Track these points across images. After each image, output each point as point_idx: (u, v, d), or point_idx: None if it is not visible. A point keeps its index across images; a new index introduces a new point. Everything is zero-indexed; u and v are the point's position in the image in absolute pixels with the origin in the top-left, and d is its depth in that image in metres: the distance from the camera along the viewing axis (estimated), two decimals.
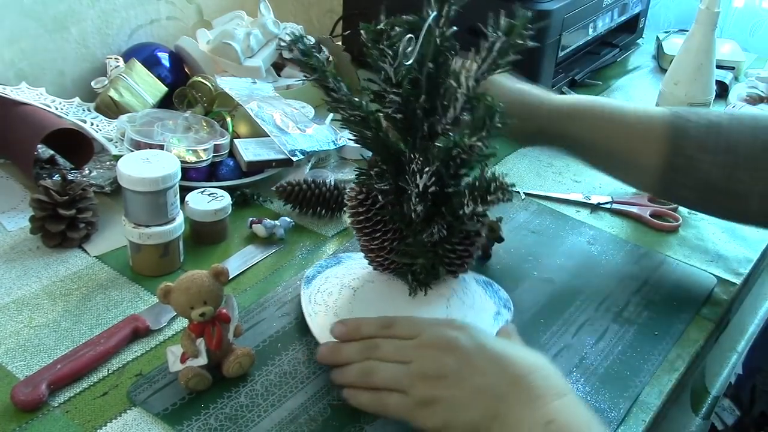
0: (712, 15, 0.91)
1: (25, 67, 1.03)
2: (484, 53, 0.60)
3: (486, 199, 0.63)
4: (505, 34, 0.59)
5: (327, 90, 0.65)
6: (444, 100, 0.63)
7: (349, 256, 0.80)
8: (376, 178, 0.67)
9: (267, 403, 0.64)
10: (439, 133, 0.64)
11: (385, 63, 0.60)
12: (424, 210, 0.65)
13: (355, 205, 0.69)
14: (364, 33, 0.60)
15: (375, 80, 0.62)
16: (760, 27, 1.57)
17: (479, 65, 0.61)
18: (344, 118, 0.65)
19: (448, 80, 0.62)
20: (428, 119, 0.64)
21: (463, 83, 0.61)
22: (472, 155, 0.62)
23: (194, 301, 0.61)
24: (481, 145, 0.61)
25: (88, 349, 0.66)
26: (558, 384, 0.57)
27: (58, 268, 0.79)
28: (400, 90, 0.61)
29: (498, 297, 0.75)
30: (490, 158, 0.63)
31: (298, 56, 0.63)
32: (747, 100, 1.27)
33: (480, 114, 0.60)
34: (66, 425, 0.61)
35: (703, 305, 0.80)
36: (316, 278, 0.76)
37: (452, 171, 0.64)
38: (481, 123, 0.60)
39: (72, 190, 0.81)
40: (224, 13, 1.24)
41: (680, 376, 0.71)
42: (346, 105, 0.64)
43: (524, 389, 0.56)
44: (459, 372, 0.58)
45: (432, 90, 0.63)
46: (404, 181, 0.65)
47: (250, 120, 0.97)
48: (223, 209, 0.83)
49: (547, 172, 1.05)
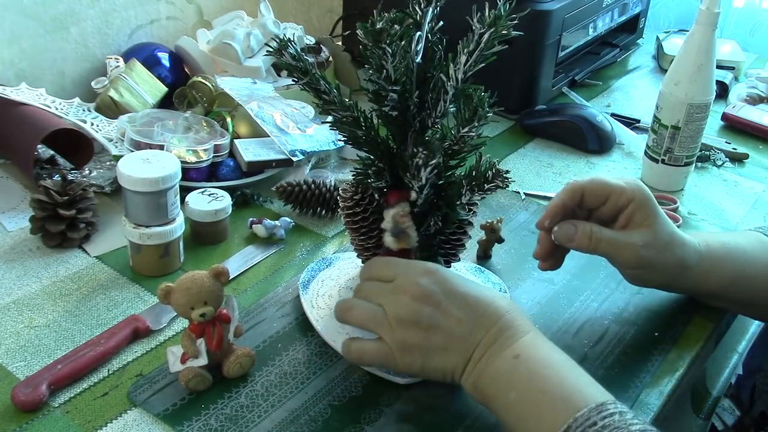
0: (712, 15, 0.91)
1: (25, 67, 1.03)
2: (471, 46, 0.61)
3: (483, 188, 0.65)
4: (489, 26, 0.60)
5: (318, 93, 0.65)
6: (433, 93, 0.64)
7: (338, 257, 0.81)
8: (374, 176, 0.67)
9: (267, 403, 0.64)
10: (428, 126, 0.65)
11: (386, 62, 0.61)
12: (425, 204, 0.66)
13: (351, 205, 0.69)
14: (362, 33, 0.60)
15: (374, 79, 0.62)
16: (760, 27, 1.57)
17: (467, 57, 0.61)
18: (335, 120, 0.66)
19: (438, 74, 0.63)
20: (420, 114, 0.64)
21: (452, 76, 0.62)
22: (464, 146, 0.64)
23: (194, 301, 0.61)
24: (472, 135, 0.63)
25: (88, 349, 0.66)
26: (523, 324, 0.61)
27: (59, 269, 0.79)
28: (398, 87, 0.62)
29: (492, 283, 0.78)
30: (481, 147, 0.65)
31: (287, 60, 0.64)
32: (747, 100, 1.27)
33: (470, 105, 0.62)
34: (66, 425, 0.61)
35: (703, 306, 0.80)
36: (311, 282, 0.76)
37: (445, 162, 0.65)
38: (471, 114, 0.62)
39: (72, 190, 0.81)
40: (224, 13, 1.24)
41: (680, 377, 0.71)
42: (338, 107, 0.65)
43: (494, 332, 0.60)
44: (433, 319, 0.61)
45: (421, 84, 0.64)
46: (404, 176, 0.65)
47: (250, 120, 0.97)
48: (224, 209, 0.83)
49: (547, 172, 1.05)
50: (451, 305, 0.61)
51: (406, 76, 0.62)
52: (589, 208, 0.72)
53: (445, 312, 0.61)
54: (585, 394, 0.55)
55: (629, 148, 1.13)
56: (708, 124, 0.99)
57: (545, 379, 0.57)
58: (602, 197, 0.71)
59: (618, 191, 0.70)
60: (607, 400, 0.54)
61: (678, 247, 0.71)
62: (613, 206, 0.71)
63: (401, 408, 0.64)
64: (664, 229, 0.70)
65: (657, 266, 0.71)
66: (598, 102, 1.28)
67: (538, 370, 0.57)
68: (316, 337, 0.71)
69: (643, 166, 1.05)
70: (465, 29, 0.61)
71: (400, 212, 0.65)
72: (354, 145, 0.67)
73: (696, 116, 0.96)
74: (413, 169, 0.63)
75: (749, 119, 1.19)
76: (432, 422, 0.63)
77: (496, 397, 0.58)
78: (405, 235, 0.65)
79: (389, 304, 0.62)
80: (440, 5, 0.62)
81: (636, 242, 0.69)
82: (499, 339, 0.59)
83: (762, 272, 0.74)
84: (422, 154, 0.62)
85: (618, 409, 0.53)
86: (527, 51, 1.13)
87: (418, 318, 0.61)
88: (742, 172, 1.09)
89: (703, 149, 1.09)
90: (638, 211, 0.70)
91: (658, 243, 0.70)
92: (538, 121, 1.15)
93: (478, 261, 0.85)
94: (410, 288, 0.62)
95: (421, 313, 0.61)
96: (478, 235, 0.85)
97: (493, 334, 0.60)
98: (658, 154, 1.00)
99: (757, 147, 1.16)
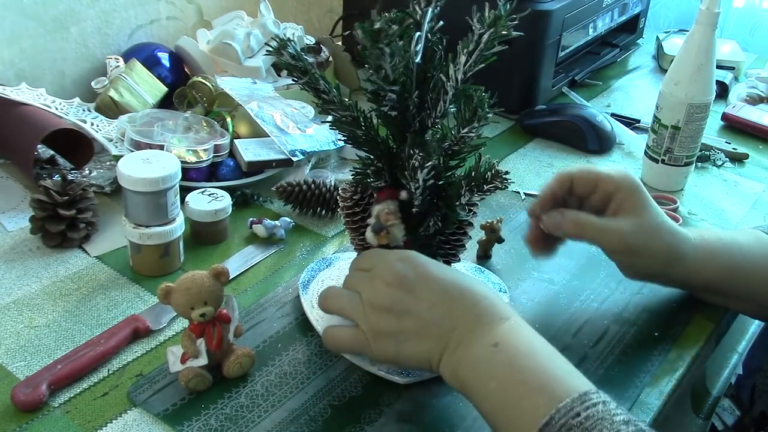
0: (712, 15, 0.91)
1: (25, 67, 1.03)
2: (471, 46, 0.61)
3: (482, 188, 0.65)
4: (489, 26, 0.60)
5: (317, 92, 0.65)
6: (433, 94, 0.64)
7: (338, 257, 0.81)
8: (373, 176, 0.67)
9: (267, 403, 0.64)
10: (428, 126, 0.65)
11: (384, 62, 0.61)
12: (423, 204, 0.66)
13: (351, 205, 0.69)
14: (361, 33, 0.60)
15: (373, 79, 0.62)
16: (760, 27, 1.57)
17: (467, 58, 0.61)
18: (335, 120, 0.66)
19: (437, 74, 0.63)
20: (419, 114, 0.65)
21: (452, 76, 0.62)
22: (464, 146, 0.64)
23: (194, 301, 0.61)
24: (472, 136, 0.63)
25: (88, 349, 0.66)
26: (502, 309, 0.60)
27: (58, 269, 0.79)
28: (396, 87, 0.62)
29: (492, 283, 0.78)
30: (481, 148, 0.65)
31: (287, 60, 0.64)
32: (747, 100, 1.27)
33: (470, 105, 0.62)
34: (66, 425, 0.61)
35: (703, 306, 0.80)
36: (311, 283, 0.76)
37: (444, 163, 0.65)
38: (471, 114, 0.62)
39: (72, 190, 0.81)
40: (224, 13, 1.24)
41: (680, 377, 0.71)
42: (338, 106, 0.65)
43: (472, 319, 0.59)
44: (406, 305, 0.60)
45: (421, 84, 0.64)
46: (402, 177, 0.65)
47: (250, 120, 0.97)
48: (223, 209, 0.83)
49: (547, 172, 1.05)
50: (424, 290, 0.60)
51: (405, 76, 0.62)
52: (579, 196, 0.73)
53: (418, 297, 0.60)
54: (567, 383, 0.54)
55: (629, 148, 1.13)
56: (708, 124, 0.99)
57: (525, 369, 0.55)
58: (591, 185, 0.72)
59: (606, 179, 0.71)
60: (589, 389, 0.53)
61: (668, 234, 0.71)
62: (603, 194, 0.71)
63: (401, 408, 0.64)
64: (652, 216, 0.71)
65: (646, 252, 0.71)
66: (598, 102, 1.28)
67: (518, 359, 0.56)
68: (316, 337, 0.71)
69: (643, 166, 1.05)
70: (465, 29, 0.61)
71: (385, 209, 0.65)
72: (354, 144, 0.67)
73: (696, 116, 0.96)
74: (410, 171, 0.64)
75: (749, 119, 1.19)
76: (432, 422, 0.63)
77: (475, 387, 0.57)
78: (386, 232, 0.65)
79: (365, 291, 0.62)
80: (440, 5, 0.62)
81: (622, 227, 0.70)
82: (476, 326, 0.58)
83: (760, 267, 0.74)
84: (419, 156, 0.62)
85: (601, 398, 0.52)
86: (527, 51, 1.13)
87: (390, 303, 0.60)
88: (742, 172, 1.09)
89: (703, 149, 1.09)
90: (627, 199, 0.71)
91: (645, 229, 0.70)
92: (538, 121, 1.15)
93: (478, 261, 0.85)
94: (384, 274, 0.62)
95: (393, 298, 0.60)
96: (478, 235, 0.85)
97: (470, 321, 0.59)
98: (658, 154, 1.00)
99: (757, 147, 1.16)
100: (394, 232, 0.65)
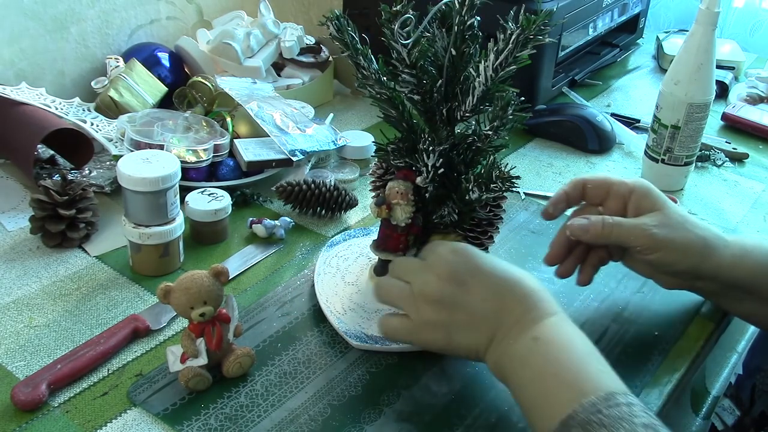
0: (712, 15, 0.91)
1: (25, 67, 1.03)
2: (501, 45, 0.62)
3: (489, 188, 0.66)
4: (523, 28, 0.61)
5: (358, 67, 0.67)
6: (463, 87, 0.65)
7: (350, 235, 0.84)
8: (392, 154, 0.69)
9: (267, 403, 0.64)
10: (457, 119, 0.67)
11: (397, 42, 0.62)
12: (434, 190, 0.67)
13: (376, 179, 0.74)
14: (384, 14, 0.62)
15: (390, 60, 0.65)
16: (760, 27, 1.57)
17: (495, 57, 0.62)
18: (371, 95, 0.68)
19: (468, 68, 0.64)
20: (446, 104, 0.66)
21: (482, 73, 0.63)
22: (486, 144, 0.66)
23: (194, 301, 0.61)
24: (494, 135, 0.65)
25: (88, 349, 0.66)
26: (549, 305, 0.61)
27: (58, 268, 0.79)
28: (414, 71, 0.64)
29: None
30: (502, 149, 0.67)
31: (333, 32, 0.66)
32: (747, 100, 1.27)
33: (498, 105, 0.63)
34: (66, 425, 0.61)
35: (703, 305, 0.80)
36: (339, 244, 0.80)
37: (467, 158, 0.67)
38: (498, 114, 0.64)
39: (72, 190, 0.81)
40: (224, 13, 1.24)
41: (680, 377, 0.71)
42: (374, 83, 0.67)
43: (519, 314, 0.60)
44: (457, 298, 0.62)
45: (452, 76, 0.65)
46: (416, 159, 0.67)
47: (250, 120, 0.97)
48: (223, 209, 0.83)
49: (547, 172, 1.05)
50: (476, 284, 0.62)
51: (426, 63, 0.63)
52: (593, 203, 0.74)
53: (469, 291, 0.61)
54: (596, 382, 0.54)
55: (629, 147, 1.13)
56: (708, 124, 0.99)
57: (559, 363, 0.57)
58: (604, 189, 0.72)
59: (618, 182, 0.72)
60: (617, 390, 0.53)
61: (695, 227, 0.71)
62: (617, 198, 0.72)
63: (401, 408, 0.64)
64: (674, 210, 0.71)
65: (676, 244, 0.69)
66: (598, 102, 1.28)
67: (554, 353, 0.57)
68: (316, 337, 0.71)
69: (643, 166, 1.05)
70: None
71: (396, 188, 0.67)
72: (387, 121, 0.69)
73: (696, 116, 0.96)
74: (419, 154, 0.65)
75: (749, 119, 1.19)
76: (432, 422, 0.63)
77: (511, 376, 0.59)
78: (386, 207, 0.67)
79: (416, 282, 0.64)
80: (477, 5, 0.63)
81: (648, 222, 0.69)
82: (522, 320, 0.60)
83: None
84: (427, 139, 0.64)
85: (628, 401, 0.52)
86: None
87: (442, 296, 0.62)
88: (742, 171, 1.09)
89: (703, 149, 1.09)
90: (643, 199, 0.71)
91: (671, 222, 0.70)
92: (538, 121, 1.15)
93: None
94: (437, 266, 0.63)
95: (444, 291, 0.62)
96: None
97: (517, 315, 0.60)
98: (658, 154, 1.00)
99: (757, 147, 1.16)
100: (396, 211, 0.67)
